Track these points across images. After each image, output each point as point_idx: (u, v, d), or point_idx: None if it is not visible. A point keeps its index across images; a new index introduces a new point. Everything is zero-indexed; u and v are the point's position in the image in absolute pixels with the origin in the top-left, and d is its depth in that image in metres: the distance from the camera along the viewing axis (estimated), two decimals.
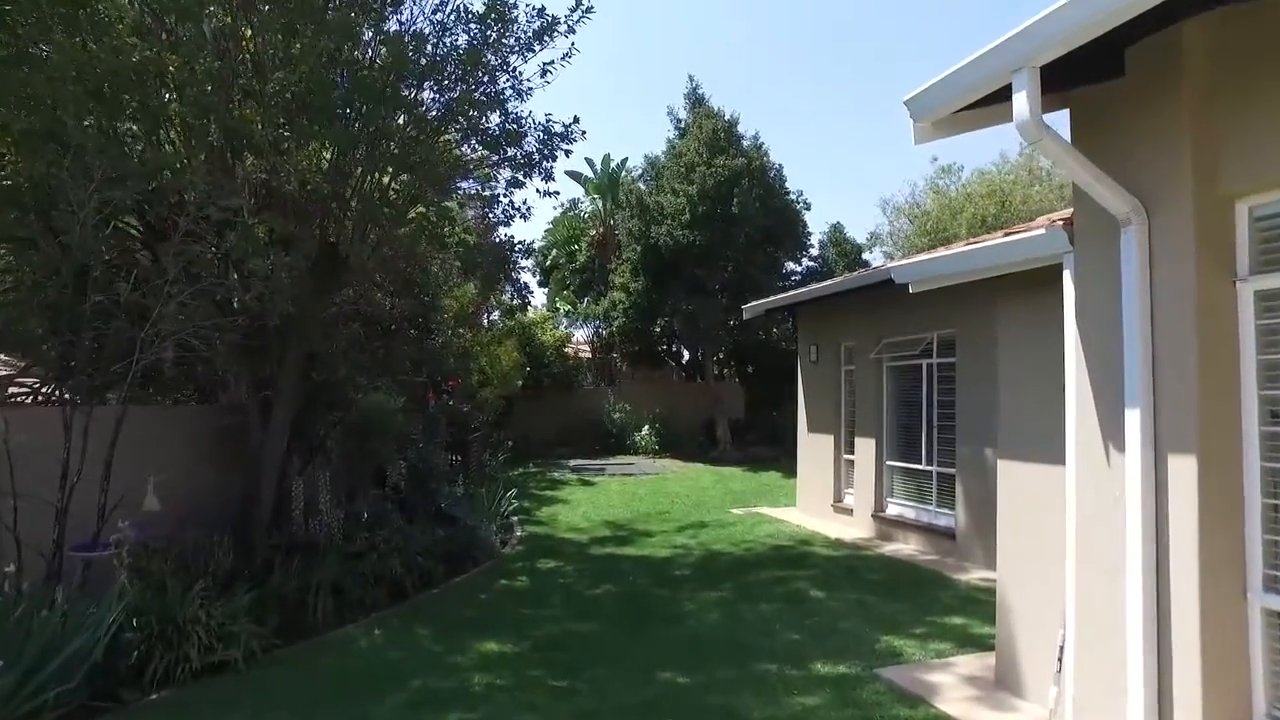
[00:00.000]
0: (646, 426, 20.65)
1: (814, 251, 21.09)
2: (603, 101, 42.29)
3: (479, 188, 8.67)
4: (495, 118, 7.77)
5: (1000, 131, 3.91)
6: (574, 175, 23.62)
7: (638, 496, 13.76)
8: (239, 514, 7.51)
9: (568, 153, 8.27)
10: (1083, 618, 3.68)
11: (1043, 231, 3.96)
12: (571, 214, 24.86)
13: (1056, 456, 4.34)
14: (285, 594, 6.49)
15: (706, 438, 20.54)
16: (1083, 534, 3.71)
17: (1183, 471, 3.17)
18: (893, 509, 10.09)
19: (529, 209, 9.07)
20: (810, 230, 20.48)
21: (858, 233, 27.25)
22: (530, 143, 8.10)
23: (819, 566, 8.55)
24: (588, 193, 24.09)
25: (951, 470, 8.93)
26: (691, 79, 19.64)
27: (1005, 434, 4.95)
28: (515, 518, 11.73)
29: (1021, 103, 3.11)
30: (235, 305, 7.10)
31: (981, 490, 8.32)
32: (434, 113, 7.18)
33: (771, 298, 12.94)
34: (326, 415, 8.86)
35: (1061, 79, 3.58)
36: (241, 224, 6.23)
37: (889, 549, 9.36)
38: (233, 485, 7.65)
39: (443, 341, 16.42)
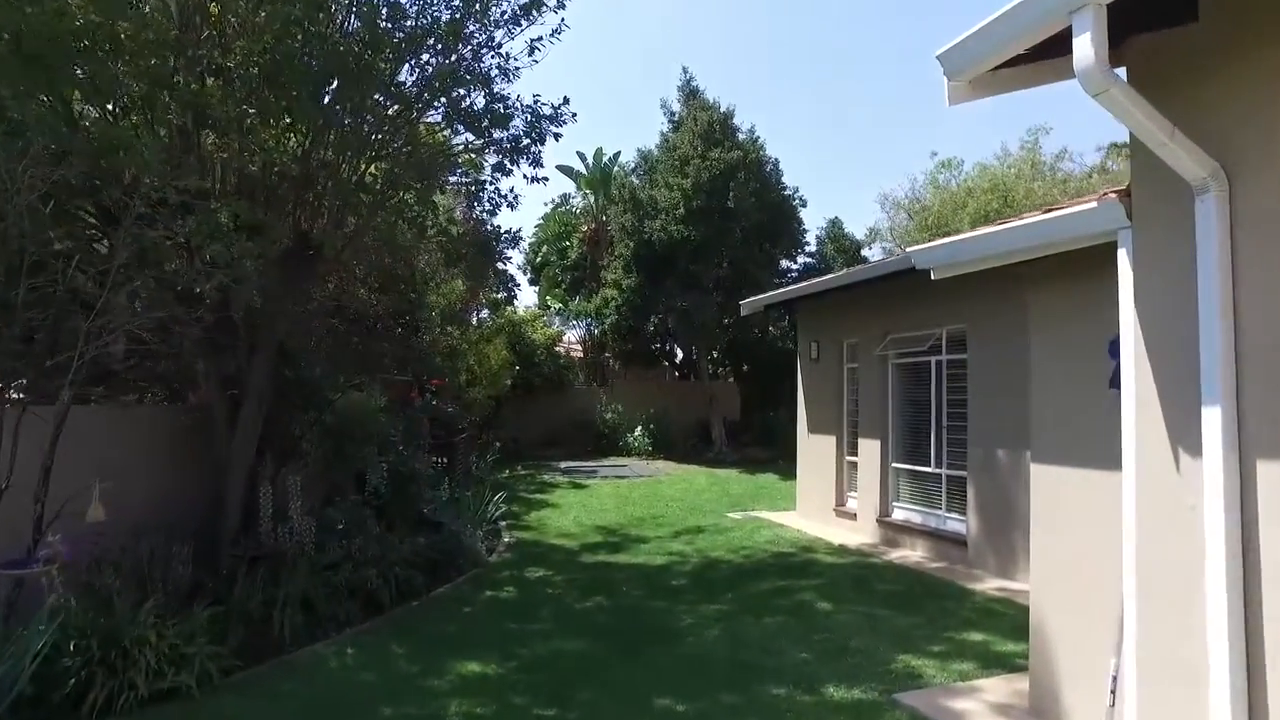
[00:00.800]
0: (640, 427, 20.17)
1: (811, 248, 20.65)
2: (595, 96, 41.82)
3: (463, 175, 8.16)
4: (480, 98, 7.27)
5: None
6: (565, 170, 23.10)
7: (631, 500, 13.27)
8: (204, 522, 6.99)
9: (557, 136, 7.79)
10: (1145, 650, 3.20)
11: (1094, 205, 3.49)
12: (562, 209, 24.33)
13: (1101, 460, 3.87)
14: (249, 609, 5.98)
15: (701, 439, 20.07)
16: (1144, 551, 3.23)
17: (1275, 480, 2.70)
18: (899, 514, 9.63)
19: (516, 197, 8.58)
20: (806, 228, 20.06)
21: (856, 229, 26.90)
22: (517, 125, 7.61)
23: (824, 575, 8.08)
24: (579, 187, 23.54)
25: (962, 473, 8.48)
26: (685, 70, 19.19)
27: (1039, 436, 4.46)
28: (503, 523, 11.23)
29: (1085, 47, 2.62)
30: (199, 295, 6.57)
31: (995, 494, 7.86)
32: (412, 89, 6.65)
33: (770, 293, 12.47)
34: (302, 415, 8.33)
35: (1116, 29, 3.11)
36: (202, 207, 5.72)
37: (896, 556, 8.89)
38: (198, 491, 7.12)
39: (430, 339, 15.96)
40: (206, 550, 6.70)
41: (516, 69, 7.52)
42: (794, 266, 20.09)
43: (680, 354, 23.46)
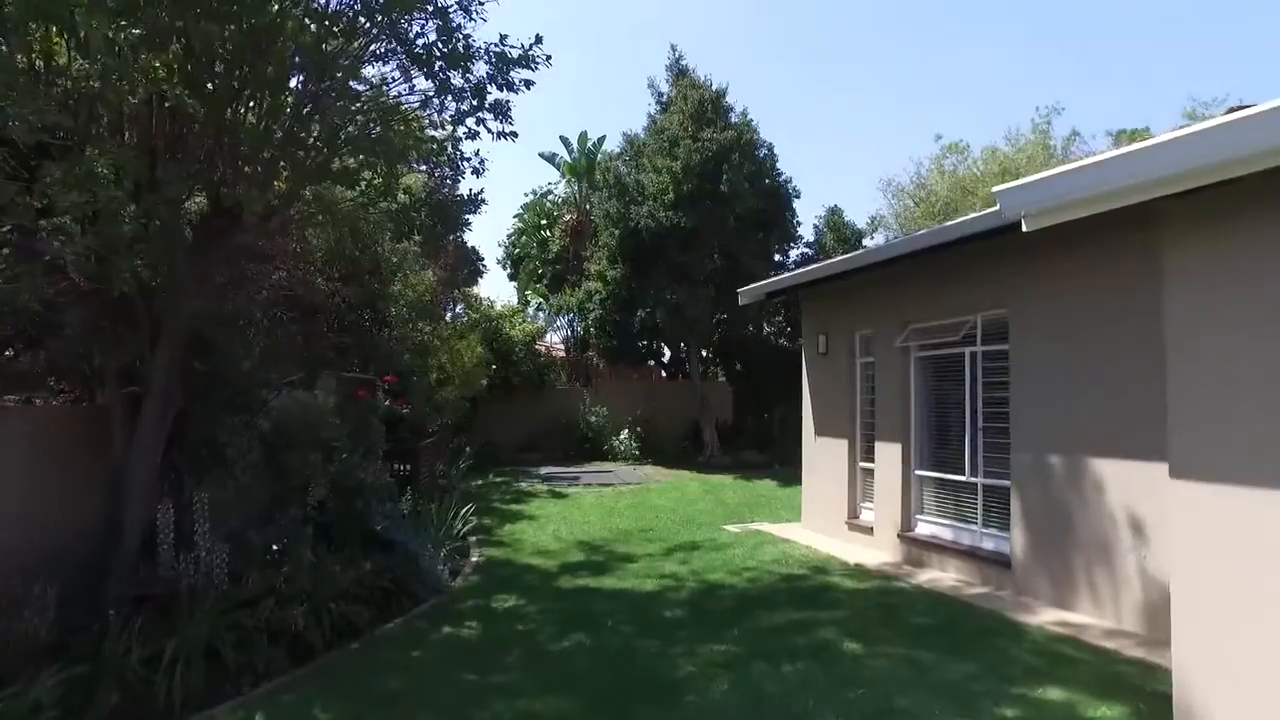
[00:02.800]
0: (626, 430, 18.92)
1: (808, 238, 19.40)
2: (580, 81, 40.52)
3: (420, 132, 6.85)
4: (432, 32, 6.00)
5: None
6: (547, 157, 21.78)
7: (617, 511, 11.99)
8: (95, 551, 5.68)
9: (529, 84, 6.52)
10: None
11: None
12: (544, 197, 22.97)
13: None
14: (125, 667, 4.66)
15: (692, 442, 18.84)
16: None
17: None
18: (924, 528, 8.42)
19: (483, 161, 7.31)
20: (800, 220, 18.84)
21: (857, 217, 25.69)
22: (480, 71, 6.34)
23: (846, 605, 6.85)
24: (562, 174, 22.18)
25: (1004, 482, 7.28)
26: (674, 49, 17.91)
27: (1183, 440, 3.24)
28: (472, 538, 9.94)
29: None
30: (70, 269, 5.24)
31: (1046, 507, 6.67)
32: (347, 9, 5.36)
33: (773, 278, 11.25)
34: (229, 419, 7.02)
35: None
36: (60, 150, 4.42)
37: (925, 578, 7.67)
38: (94, 512, 5.81)
39: (397, 334, 14.63)
40: (92, 588, 5.40)
41: (481, 3, 6.29)
42: (791, 258, 18.87)
43: (668, 352, 22.25)
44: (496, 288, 52.33)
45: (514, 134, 6.64)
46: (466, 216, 7.11)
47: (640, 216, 16.04)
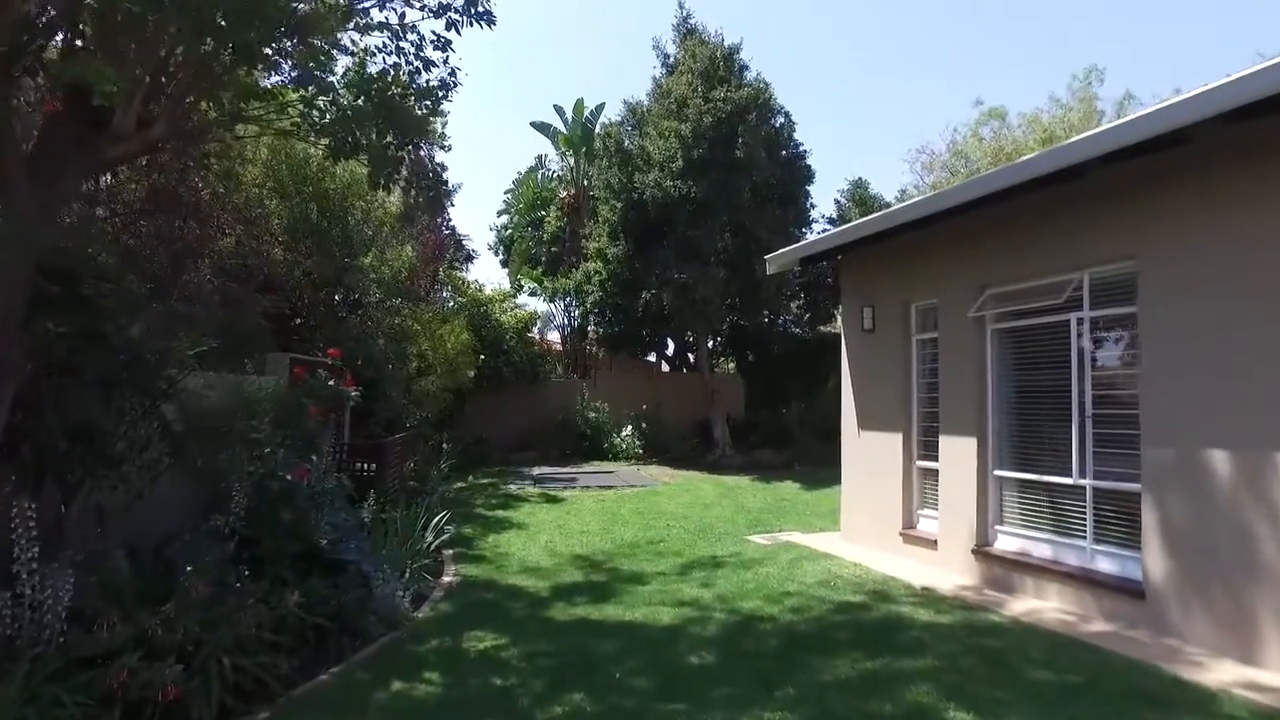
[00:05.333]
0: (629, 426, 17.20)
1: (829, 214, 17.71)
2: (578, 47, 38.75)
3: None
4: None
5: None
6: (540, 127, 19.93)
7: (620, 518, 10.28)
8: None
9: None
10: None
11: None
12: (537, 171, 21.16)
13: None
14: None
15: (700, 440, 17.12)
16: None
17: None
18: (1007, 542, 6.74)
19: (454, 71, 5.58)
20: (814, 203, 17.11)
21: (884, 191, 23.91)
22: None
23: (930, 648, 5.14)
24: (557, 147, 20.34)
25: (1127, 485, 5.60)
26: (682, 6, 16.19)
27: None
28: (448, 552, 8.26)
29: None
30: None
31: (1199, 519, 5.00)
32: None
33: (810, 238, 9.54)
34: (124, 401, 5.31)
35: None
36: None
37: (1020, 609, 5.98)
38: None
39: (369, 316, 12.95)
40: None
41: None
42: (810, 239, 17.14)
43: (671, 345, 20.54)
44: (488, 275, 50.48)
45: (488, 15, 4.94)
46: (428, 116, 5.30)
47: (645, 186, 14.32)
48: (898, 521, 7.97)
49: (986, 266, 6.92)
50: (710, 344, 17.76)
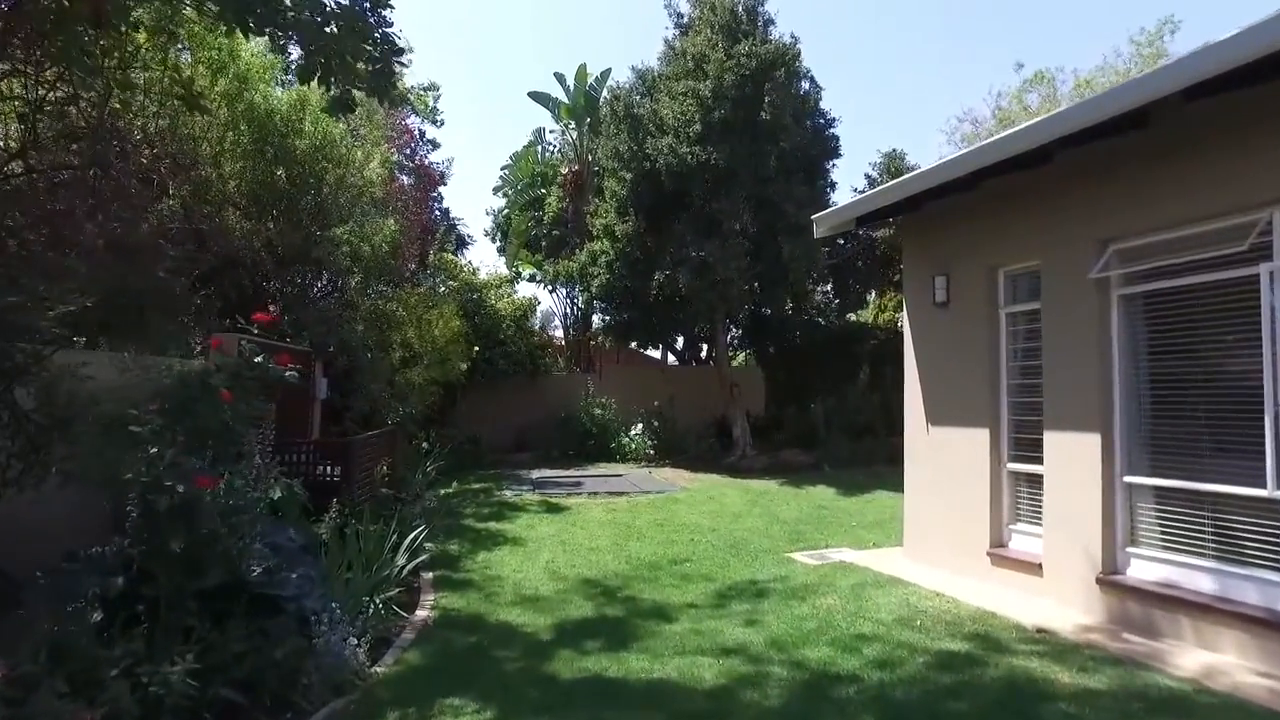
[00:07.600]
0: (640, 424, 15.64)
1: (859, 187, 16.07)
2: (581, 10, 37.03)
3: None
4: None
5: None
6: (538, 97, 18.26)
7: (635, 531, 8.71)
8: None
9: None
10: None
11: None
12: (535, 146, 19.50)
13: None
14: None
15: (718, 439, 15.55)
16: None
17: None
18: (1146, 569, 5.17)
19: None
20: (835, 182, 15.47)
21: (921, 160, 22.29)
22: None
23: None
24: (558, 118, 18.65)
25: None
26: None
27: None
28: (427, 574, 6.74)
29: None
30: None
31: None
32: None
33: (871, 190, 7.92)
34: None
35: None
36: None
37: (1193, 665, 4.40)
38: None
39: (345, 295, 11.43)
40: None
41: None
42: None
43: (682, 337, 18.97)
44: (484, 262, 48.62)
45: None
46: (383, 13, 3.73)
47: (658, 153, 12.72)
48: (983, 538, 6.41)
49: (1115, 213, 5.36)
50: (731, 334, 16.19)
